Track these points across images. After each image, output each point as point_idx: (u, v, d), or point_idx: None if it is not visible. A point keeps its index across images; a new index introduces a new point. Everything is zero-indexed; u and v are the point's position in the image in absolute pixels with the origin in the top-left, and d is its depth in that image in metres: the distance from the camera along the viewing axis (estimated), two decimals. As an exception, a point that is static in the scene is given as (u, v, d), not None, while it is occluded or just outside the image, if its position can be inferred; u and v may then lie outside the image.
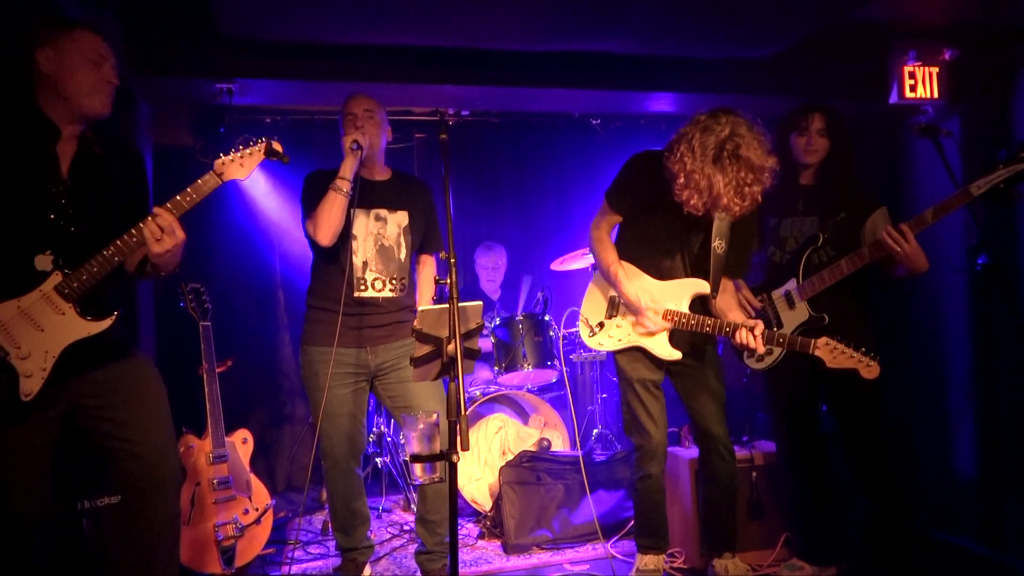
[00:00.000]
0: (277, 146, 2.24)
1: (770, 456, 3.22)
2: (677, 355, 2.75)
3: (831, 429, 3.00)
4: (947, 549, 3.36)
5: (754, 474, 3.19)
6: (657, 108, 4.52)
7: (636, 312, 2.77)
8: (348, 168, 2.73)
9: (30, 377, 2.02)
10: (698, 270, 2.77)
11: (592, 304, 2.98)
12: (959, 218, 2.80)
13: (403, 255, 2.97)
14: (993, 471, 3.25)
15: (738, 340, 2.57)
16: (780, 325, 2.88)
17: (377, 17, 3.28)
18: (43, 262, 2.06)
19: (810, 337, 2.52)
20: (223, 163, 2.21)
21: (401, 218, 2.96)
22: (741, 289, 2.97)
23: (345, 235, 2.83)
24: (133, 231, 2.10)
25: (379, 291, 2.91)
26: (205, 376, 3.23)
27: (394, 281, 2.94)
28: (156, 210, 2.12)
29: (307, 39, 3.52)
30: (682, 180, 2.45)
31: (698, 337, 2.81)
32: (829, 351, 2.47)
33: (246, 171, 2.23)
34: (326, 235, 2.73)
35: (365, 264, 2.88)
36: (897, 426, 3.86)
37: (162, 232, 2.09)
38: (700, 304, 2.79)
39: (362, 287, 2.88)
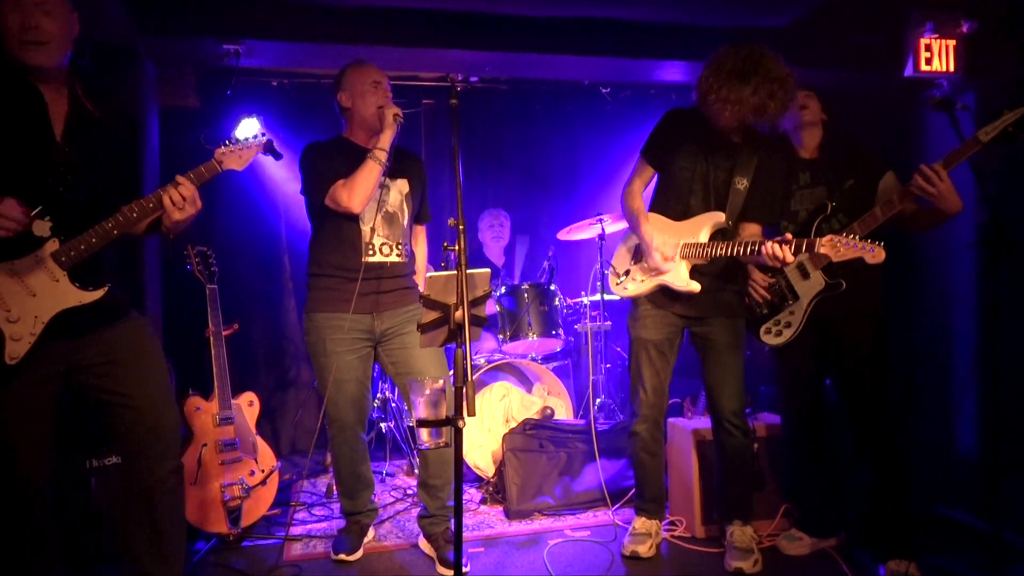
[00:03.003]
0: (272, 144, 2.39)
1: (772, 428, 3.24)
2: (696, 286, 2.79)
3: (833, 402, 3.01)
4: (946, 524, 3.40)
5: (756, 446, 3.21)
6: (668, 78, 4.46)
7: (647, 252, 2.84)
8: (388, 139, 2.76)
9: (18, 341, 2.03)
10: (722, 207, 2.82)
11: (620, 256, 3.09)
12: (971, 193, 2.77)
13: (405, 222, 2.99)
14: (994, 447, 3.25)
15: (768, 252, 2.55)
16: (796, 297, 2.88)
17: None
18: (41, 227, 2.05)
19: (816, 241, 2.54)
20: (223, 153, 2.30)
21: (402, 185, 2.98)
22: (752, 271, 2.97)
23: None
24: (151, 198, 2.13)
25: (386, 256, 2.92)
26: (212, 339, 3.24)
27: (399, 246, 2.96)
28: (179, 179, 2.16)
29: (315, 0, 3.48)
30: (712, 97, 2.63)
31: (726, 304, 2.86)
32: (832, 246, 2.47)
33: (243, 163, 2.32)
34: (361, 203, 2.77)
35: (373, 230, 2.89)
36: (900, 401, 3.87)
37: (184, 201, 2.15)
38: (720, 238, 2.82)
39: (371, 252, 2.89)
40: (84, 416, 2.73)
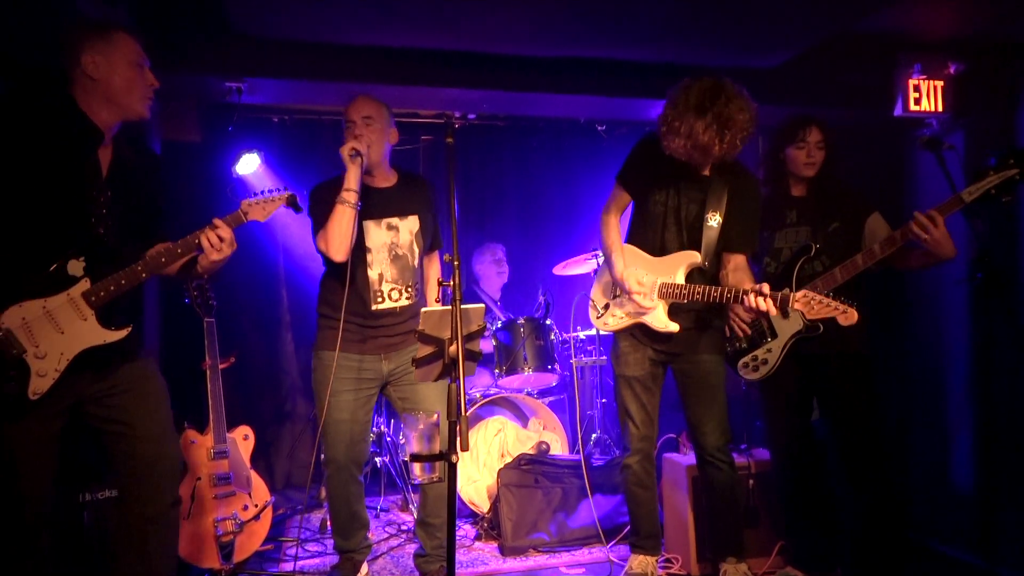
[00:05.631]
0: (294, 198, 2.46)
1: (767, 464, 3.24)
2: (674, 327, 2.78)
3: (825, 437, 3.02)
4: (942, 560, 3.38)
5: (751, 482, 3.21)
6: (662, 115, 4.53)
7: (625, 292, 2.84)
8: (353, 179, 2.69)
9: (43, 377, 2.06)
10: (696, 245, 2.81)
11: (599, 289, 3.09)
12: (960, 230, 2.81)
13: (415, 261, 2.95)
14: (989, 482, 3.25)
15: (748, 304, 2.54)
16: (775, 335, 2.90)
17: (387, 18, 3.30)
18: (75, 267, 2.11)
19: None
20: (249, 204, 2.38)
21: (412, 223, 2.93)
22: (734, 306, 2.99)
23: (359, 248, 2.83)
24: (180, 243, 2.24)
25: (396, 301, 2.90)
26: (208, 372, 3.24)
27: (409, 288, 2.93)
28: (216, 222, 2.26)
29: (317, 39, 3.55)
30: (664, 128, 2.64)
31: (705, 340, 2.86)
32: (806, 303, 2.47)
33: (266, 215, 2.41)
34: (339, 251, 2.71)
35: (381, 276, 2.87)
36: (895, 436, 3.87)
37: (222, 243, 2.25)
38: (698, 276, 2.82)
39: (379, 300, 2.87)
40: (79, 450, 2.72)
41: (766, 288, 2.51)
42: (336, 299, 2.84)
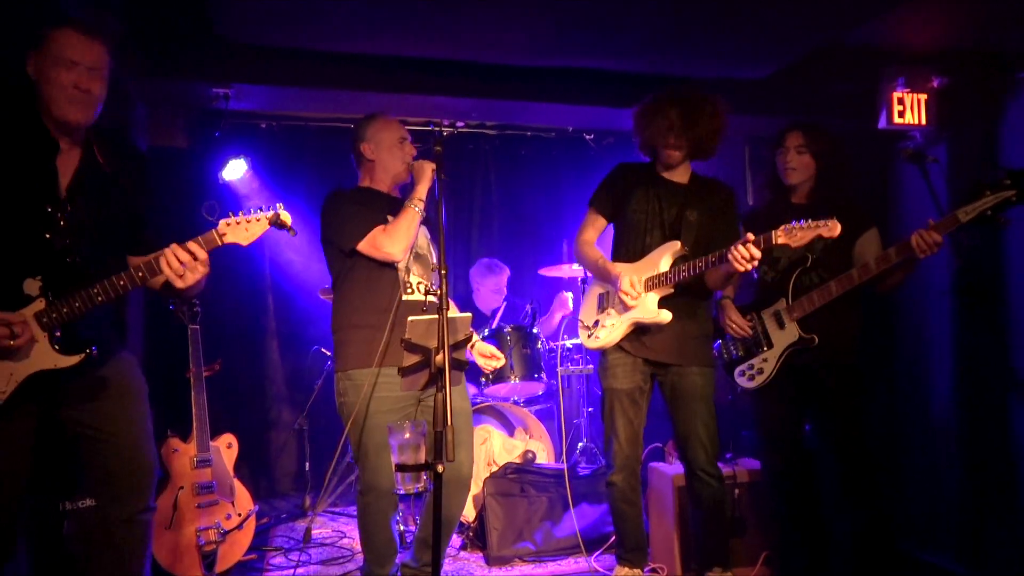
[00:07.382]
0: (285, 217, 2.14)
1: (753, 474, 3.24)
2: (666, 316, 2.77)
3: (816, 448, 3.02)
4: (929, 569, 3.38)
5: (737, 491, 3.21)
6: (650, 125, 4.55)
7: (618, 288, 2.82)
8: (425, 190, 2.70)
9: None
10: (677, 239, 2.85)
11: (587, 309, 3.08)
12: (945, 241, 2.84)
13: (434, 262, 2.92)
14: (976, 493, 3.27)
15: (733, 257, 2.51)
16: (770, 344, 2.91)
17: (375, 27, 3.31)
18: (31, 287, 2.03)
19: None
20: (227, 224, 2.11)
21: (424, 231, 2.92)
22: (729, 311, 3.00)
23: None
24: (142, 266, 2.07)
25: (423, 294, 2.83)
26: (192, 380, 3.22)
27: (434, 289, 2.87)
28: (189, 245, 2.07)
29: (304, 46, 3.55)
30: (644, 121, 2.86)
31: (694, 352, 2.86)
32: (788, 233, 2.49)
33: (249, 238, 2.12)
34: (403, 251, 2.69)
35: (408, 269, 2.81)
36: (883, 447, 3.89)
37: (183, 267, 2.04)
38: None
39: (408, 290, 2.78)
40: (58, 458, 2.69)
41: (751, 236, 2.51)
42: (362, 300, 2.73)
